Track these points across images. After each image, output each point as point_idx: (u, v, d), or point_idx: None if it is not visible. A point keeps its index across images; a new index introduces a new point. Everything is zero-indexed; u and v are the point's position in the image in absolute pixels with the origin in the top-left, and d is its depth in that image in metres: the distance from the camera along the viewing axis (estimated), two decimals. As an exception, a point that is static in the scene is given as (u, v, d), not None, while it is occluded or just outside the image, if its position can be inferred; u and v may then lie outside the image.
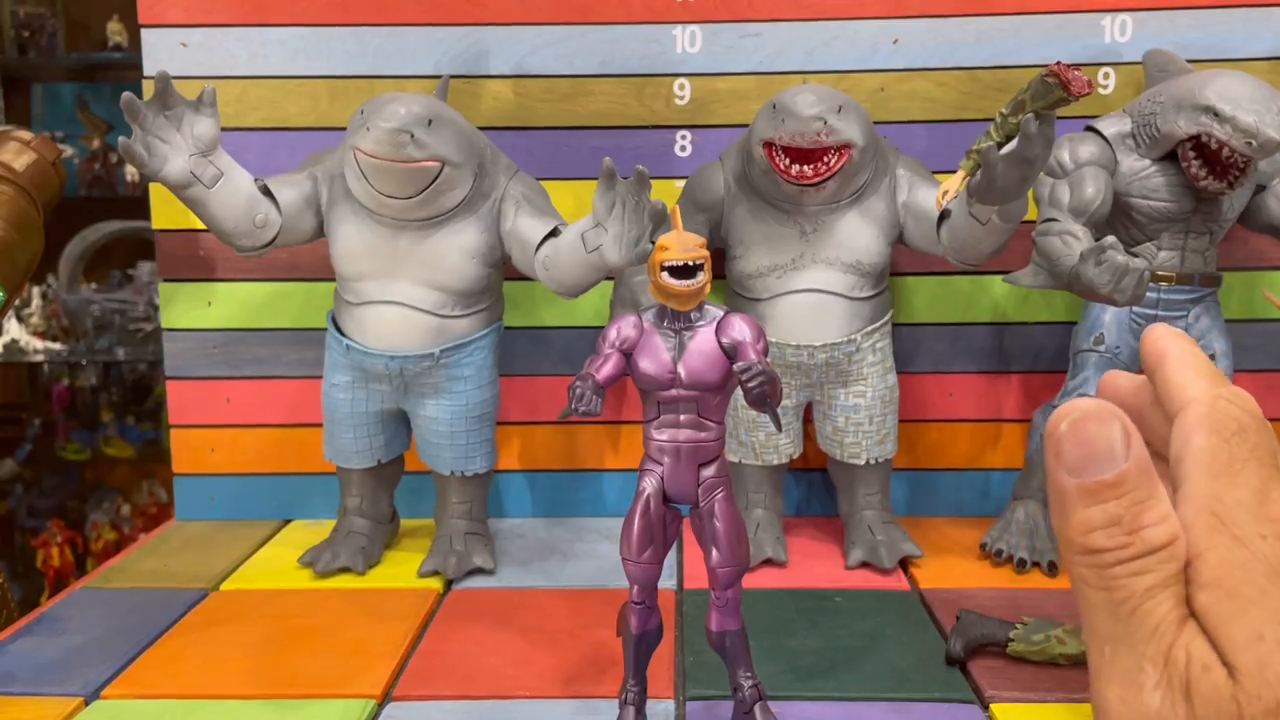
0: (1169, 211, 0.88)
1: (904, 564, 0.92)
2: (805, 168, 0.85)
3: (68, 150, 2.14)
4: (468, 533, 0.94)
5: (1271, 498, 0.24)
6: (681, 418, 0.61)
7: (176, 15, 1.01)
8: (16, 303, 1.96)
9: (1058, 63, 0.70)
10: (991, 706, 0.68)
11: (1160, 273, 0.89)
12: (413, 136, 0.80)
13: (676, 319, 0.61)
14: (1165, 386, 0.27)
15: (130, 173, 2.22)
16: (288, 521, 1.07)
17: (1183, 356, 0.27)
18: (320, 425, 0.95)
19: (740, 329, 0.60)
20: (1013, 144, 0.73)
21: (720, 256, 0.95)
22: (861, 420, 0.92)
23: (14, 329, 2.09)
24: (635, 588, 0.63)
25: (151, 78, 0.93)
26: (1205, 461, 0.24)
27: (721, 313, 0.61)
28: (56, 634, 0.81)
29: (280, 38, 1.01)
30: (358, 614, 0.83)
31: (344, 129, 0.88)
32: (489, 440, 0.94)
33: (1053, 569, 0.89)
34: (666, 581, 0.82)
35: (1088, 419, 0.24)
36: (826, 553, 0.96)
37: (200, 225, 0.92)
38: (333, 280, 0.92)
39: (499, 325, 0.94)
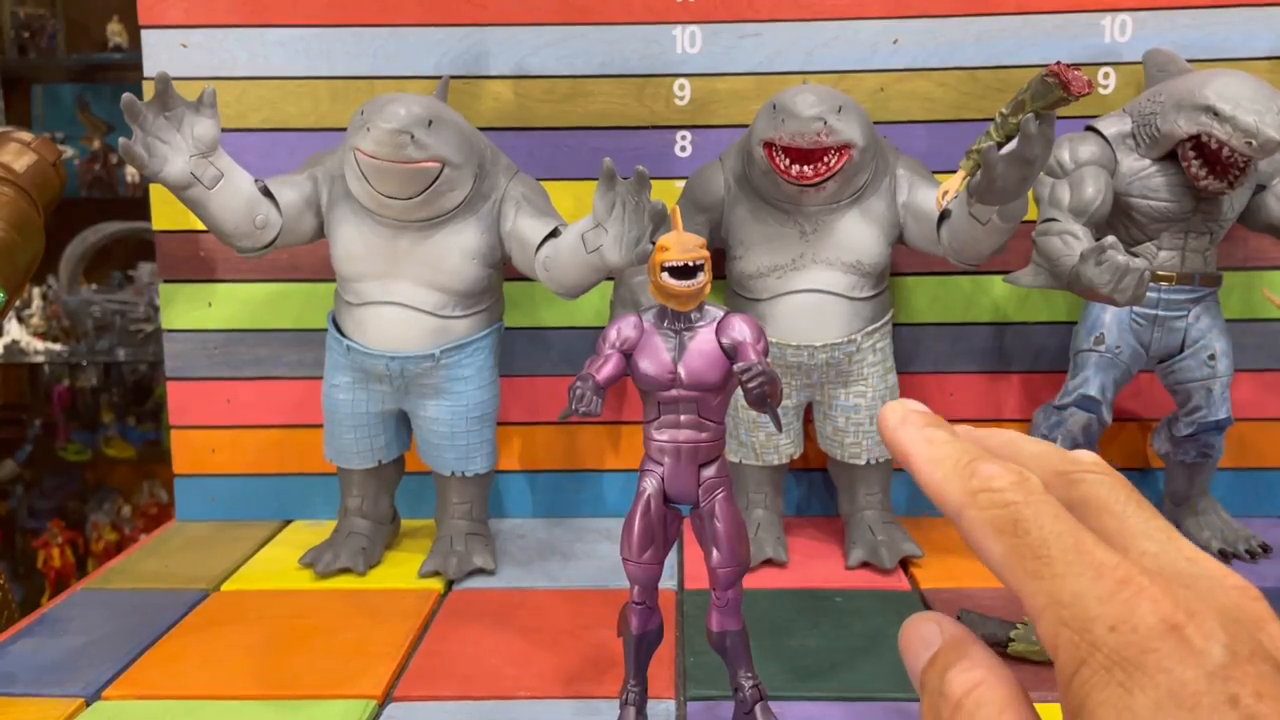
0: (1169, 211, 0.88)
1: (905, 564, 0.92)
2: (805, 168, 0.85)
3: (68, 151, 2.14)
4: (468, 533, 0.94)
5: (1099, 562, 0.21)
6: (682, 418, 0.61)
7: (177, 16, 1.01)
8: (17, 304, 1.96)
9: (1058, 63, 0.70)
10: (992, 706, 0.68)
11: (1160, 272, 0.89)
12: (413, 137, 0.80)
13: (677, 319, 0.61)
14: (927, 493, 0.25)
15: (130, 174, 2.22)
16: (288, 522, 1.07)
17: (923, 450, 0.25)
18: (321, 426, 0.95)
19: (740, 329, 0.60)
20: (1013, 144, 0.73)
21: (720, 257, 0.95)
22: (862, 420, 0.92)
23: (14, 330, 2.09)
24: (636, 588, 0.63)
25: (152, 79, 0.93)
26: (1017, 567, 0.22)
27: (722, 313, 0.61)
28: (57, 635, 0.81)
29: (280, 38, 1.01)
30: (358, 614, 0.83)
31: (344, 130, 0.88)
32: (489, 441, 0.94)
33: (1053, 569, 0.89)
34: (667, 582, 0.82)
35: (908, 625, 0.25)
36: (827, 553, 0.96)
37: (200, 226, 0.92)
38: (333, 281, 0.92)
39: (499, 326, 0.94)
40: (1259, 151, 0.80)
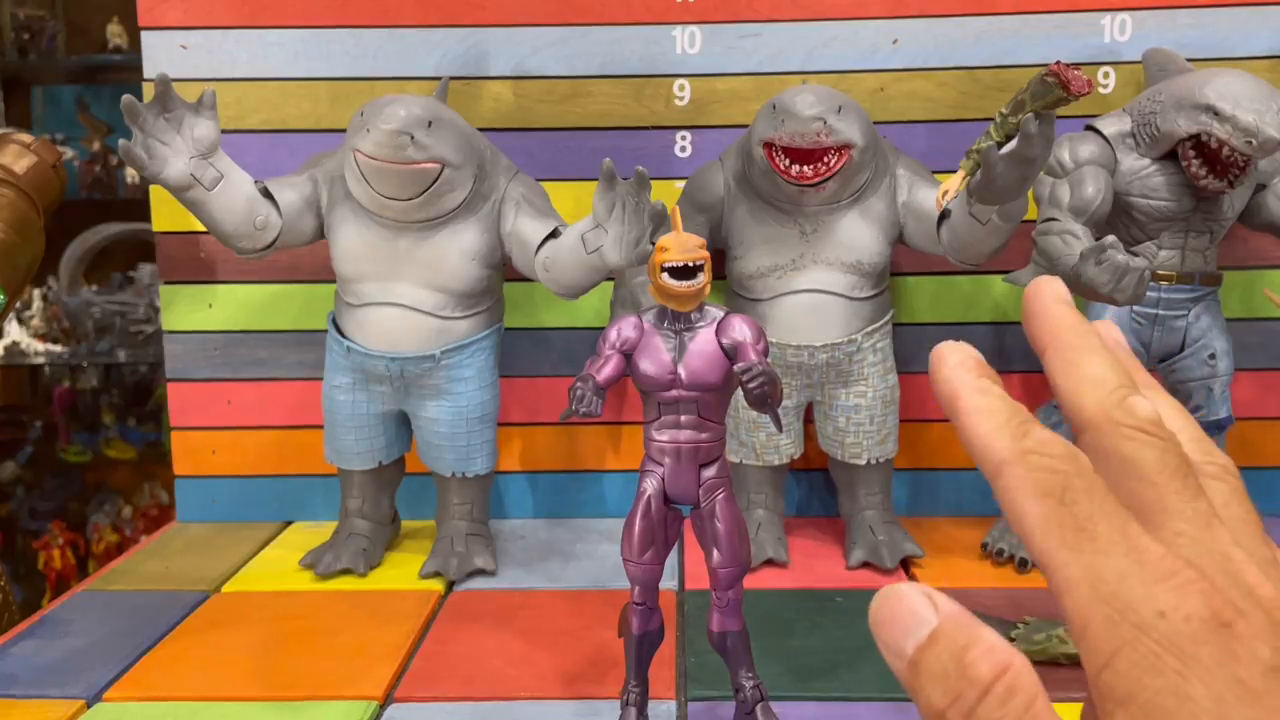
0: (1169, 211, 0.88)
1: (905, 564, 0.92)
2: (805, 168, 0.85)
3: (68, 153, 2.14)
4: (469, 534, 0.94)
5: (1144, 550, 0.21)
6: (682, 418, 0.61)
7: (176, 17, 1.01)
8: (17, 305, 1.96)
9: (1057, 62, 0.70)
10: (993, 706, 0.68)
11: (1161, 272, 0.89)
12: (413, 138, 0.80)
13: (677, 320, 0.61)
14: (969, 441, 0.24)
15: (130, 175, 2.22)
16: (289, 523, 1.07)
17: (975, 401, 0.24)
18: (321, 427, 0.95)
19: (740, 329, 0.60)
20: (1013, 144, 0.73)
21: (720, 257, 0.95)
22: (862, 420, 0.92)
23: (15, 331, 2.09)
24: (636, 588, 0.63)
25: (151, 80, 0.93)
26: (1056, 535, 0.22)
27: (722, 313, 0.61)
28: (58, 636, 0.81)
29: (280, 40, 1.01)
30: (359, 615, 0.83)
31: (344, 131, 0.88)
32: (490, 441, 0.94)
33: (1054, 568, 0.89)
34: (668, 582, 0.82)
35: (887, 598, 0.23)
36: (828, 553, 0.96)
37: (201, 227, 0.92)
38: (333, 282, 0.92)
39: (499, 326, 0.94)
40: (1259, 151, 0.80)
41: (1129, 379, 0.24)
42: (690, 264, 0.59)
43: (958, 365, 0.25)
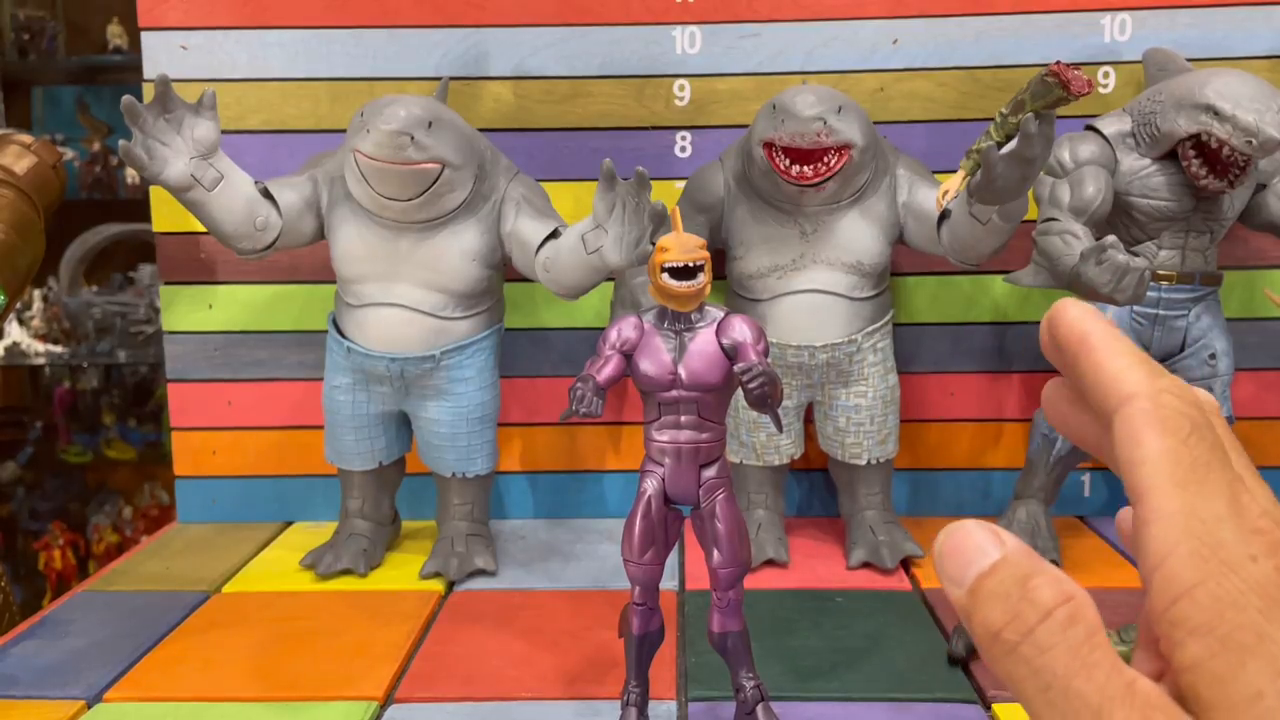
0: (1169, 211, 0.88)
1: (906, 564, 0.92)
2: (805, 168, 0.85)
3: (68, 153, 2.14)
4: (469, 534, 0.94)
5: (1244, 505, 0.21)
6: (682, 419, 0.61)
7: (176, 18, 1.01)
8: (18, 306, 1.96)
9: (1057, 62, 0.70)
10: (994, 706, 0.68)
11: (1161, 272, 0.89)
12: (413, 139, 0.80)
13: (677, 320, 0.61)
14: (1096, 376, 0.24)
15: (130, 175, 2.22)
16: (289, 524, 1.07)
17: (1109, 341, 0.24)
18: (321, 427, 0.95)
19: (741, 330, 0.60)
20: (1013, 144, 0.73)
21: (720, 257, 0.95)
22: (863, 420, 0.92)
23: (15, 332, 2.09)
24: (637, 589, 0.63)
25: (152, 81, 0.93)
26: (1167, 469, 0.22)
27: (722, 314, 0.61)
28: (58, 637, 0.81)
29: (280, 40, 1.01)
30: (359, 616, 0.83)
31: (344, 131, 0.88)
32: (490, 442, 0.94)
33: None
34: (668, 582, 0.82)
35: (953, 533, 0.24)
36: (828, 553, 0.96)
37: (201, 228, 0.92)
38: (333, 282, 0.92)
39: (499, 327, 0.94)
40: (1259, 150, 0.80)
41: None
42: (690, 264, 0.59)
43: (1086, 311, 0.25)
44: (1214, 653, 0.20)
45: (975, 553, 0.23)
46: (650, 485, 0.62)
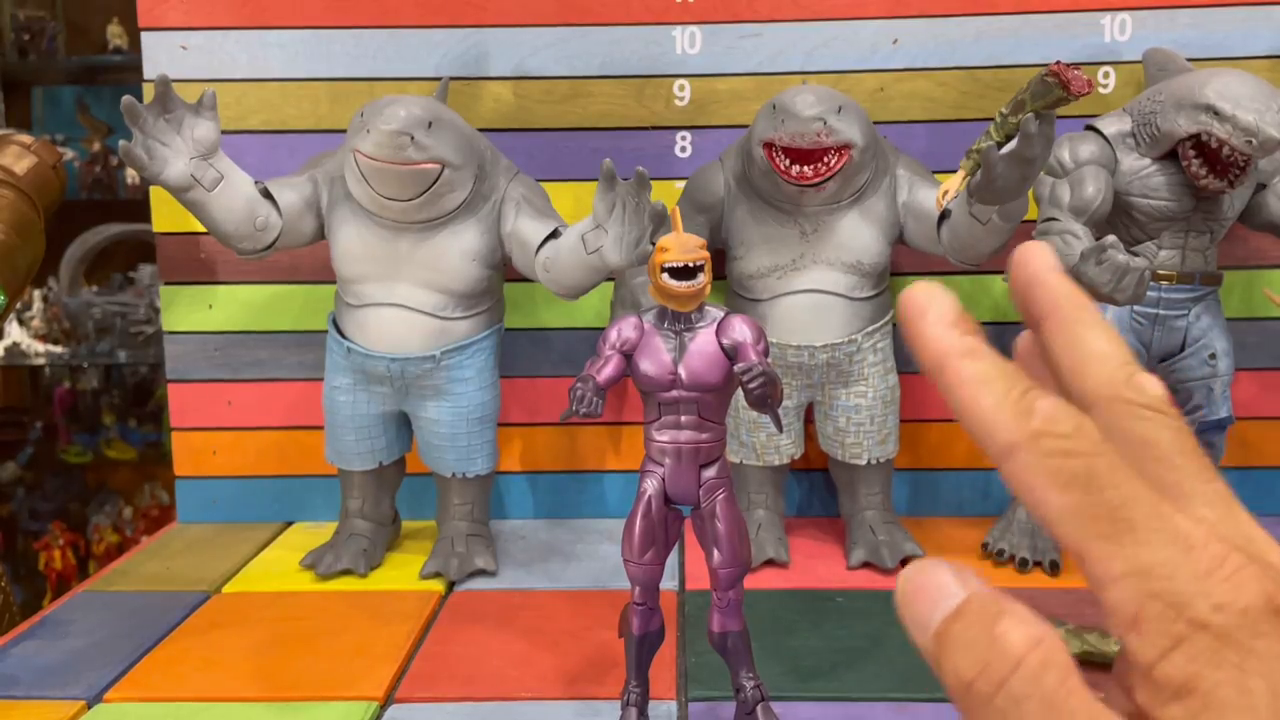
0: (1169, 210, 0.88)
1: (906, 564, 0.92)
2: (805, 168, 0.85)
3: (68, 153, 2.14)
4: (469, 534, 0.94)
5: (1184, 535, 0.20)
6: (682, 419, 0.61)
7: (176, 18, 1.01)
8: (18, 306, 1.96)
9: (1057, 62, 0.70)
10: (994, 706, 0.68)
11: (1161, 272, 0.89)
12: (413, 139, 0.80)
13: (677, 320, 0.61)
14: (963, 418, 0.22)
15: (130, 176, 2.22)
16: (289, 524, 1.07)
17: (966, 370, 0.22)
18: (321, 428, 0.95)
19: (741, 330, 0.60)
20: (1013, 144, 0.73)
21: (720, 257, 0.95)
22: (863, 420, 0.92)
23: (15, 332, 2.09)
24: (637, 589, 0.63)
25: (152, 81, 0.93)
26: (1088, 527, 0.21)
27: (722, 314, 0.61)
28: (58, 637, 0.81)
29: (280, 40, 1.01)
30: (360, 616, 0.83)
31: (344, 132, 0.88)
32: (490, 442, 0.94)
33: (1054, 569, 0.89)
34: (668, 582, 0.82)
35: (915, 574, 0.22)
36: (828, 553, 0.96)
37: (201, 228, 0.92)
38: (333, 283, 0.92)
39: (500, 327, 0.94)
40: (1259, 150, 0.80)
41: (1131, 354, 0.23)
42: (690, 264, 0.59)
43: (938, 321, 0.23)
44: (1196, 713, 0.20)
45: (939, 594, 0.21)
46: (650, 485, 0.62)
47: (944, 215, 0.85)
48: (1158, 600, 0.20)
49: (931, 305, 0.23)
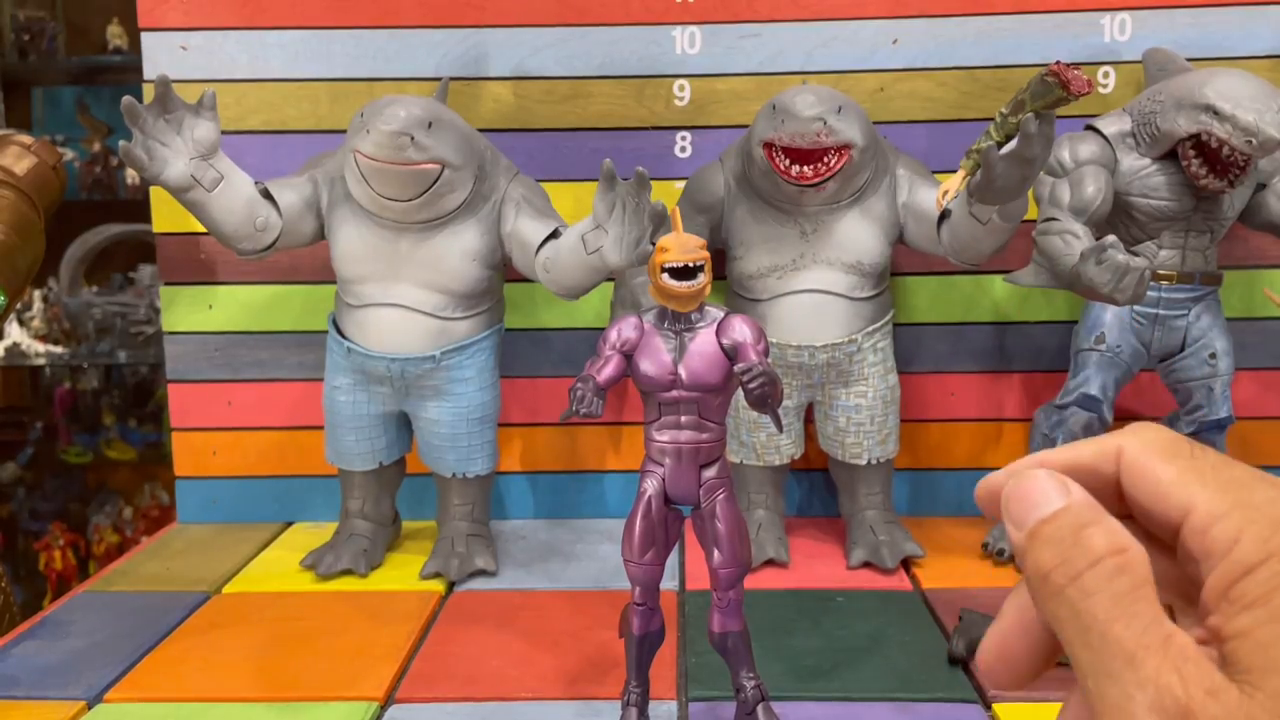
0: (1169, 210, 0.88)
1: (906, 564, 0.92)
2: (805, 168, 0.85)
3: (68, 154, 2.14)
4: (469, 534, 0.94)
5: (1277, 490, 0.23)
6: (682, 419, 0.61)
7: (176, 19, 1.01)
8: (18, 306, 1.96)
9: (1057, 62, 0.70)
10: (994, 706, 0.68)
11: (1161, 271, 0.89)
12: (413, 139, 0.81)
13: (677, 320, 0.61)
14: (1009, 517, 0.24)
15: (131, 176, 2.22)
16: (290, 524, 1.07)
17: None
18: (322, 428, 0.95)
19: (741, 330, 0.60)
20: (1013, 144, 0.73)
21: (720, 257, 0.95)
22: (863, 420, 0.92)
23: (15, 332, 2.09)
24: (637, 589, 0.63)
25: (152, 81, 0.93)
26: (1191, 482, 0.23)
27: (722, 314, 0.61)
28: (59, 637, 0.81)
29: (280, 41, 1.01)
30: (360, 616, 0.83)
31: (344, 132, 0.88)
32: (490, 442, 0.94)
33: (1055, 568, 0.89)
34: (668, 583, 0.82)
35: (1023, 478, 0.24)
36: (828, 553, 0.96)
37: (201, 228, 0.92)
38: (333, 283, 0.92)
39: (500, 327, 0.94)
40: (1259, 150, 0.80)
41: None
42: (690, 264, 0.59)
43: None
44: (1261, 622, 0.21)
45: (1040, 498, 0.23)
46: (650, 485, 0.62)
47: (944, 215, 0.85)
48: (1257, 524, 0.22)
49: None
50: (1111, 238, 0.76)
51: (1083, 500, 0.23)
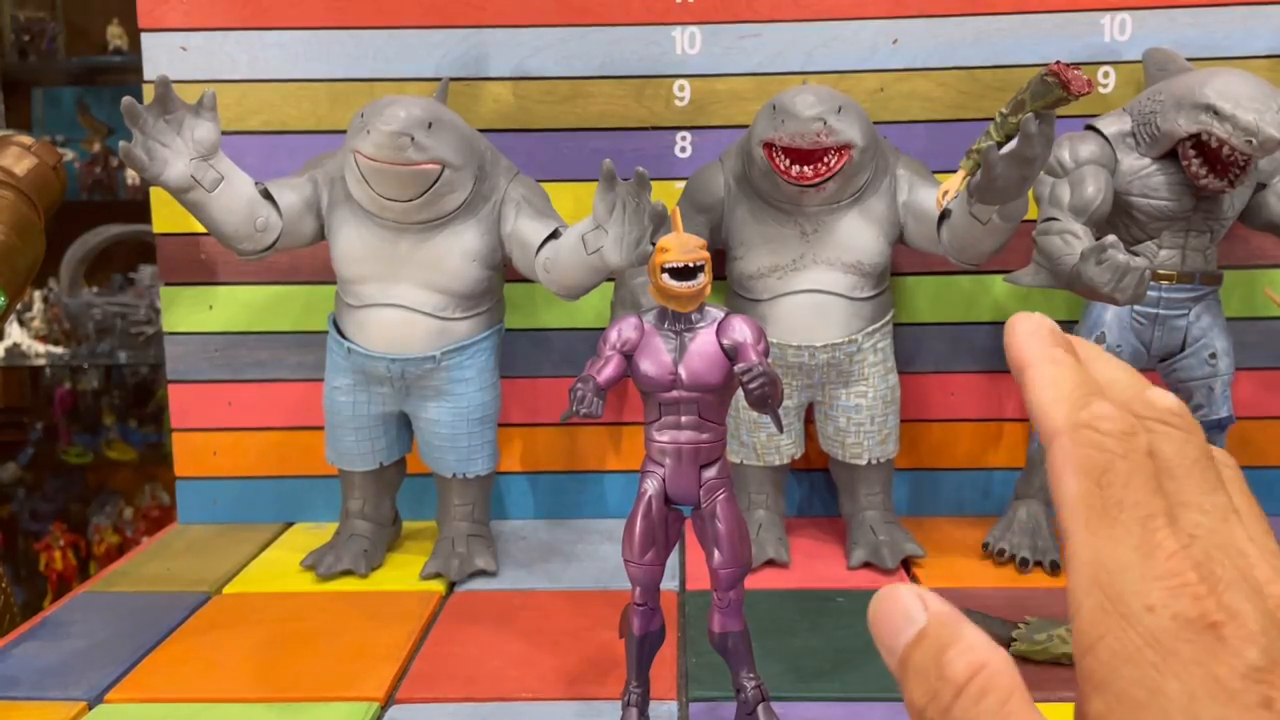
0: (1169, 210, 0.88)
1: (906, 564, 0.92)
2: (805, 168, 0.85)
3: (68, 154, 2.14)
4: (470, 535, 0.94)
5: (1156, 545, 0.21)
6: (683, 419, 0.61)
7: (176, 19, 1.01)
8: (18, 307, 1.96)
9: (1057, 62, 0.70)
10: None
11: (1161, 271, 0.89)
12: (413, 139, 0.81)
13: (677, 320, 0.61)
14: (1030, 411, 0.24)
15: (131, 176, 2.22)
16: (290, 524, 1.07)
17: (1040, 369, 0.24)
18: (322, 428, 0.95)
19: (741, 330, 0.60)
20: (1013, 143, 0.73)
21: (721, 257, 0.95)
22: (863, 420, 0.92)
23: (16, 333, 2.09)
24: (637, 589, 0.63)
25: (152, 82, 0.93)
26: (1080, 514, 0.22)
27: (722, 314, 0.61)
28: (59, 638, 0.81)
29: (280, 41, 1.01)
30: (360, 617, 0.83)
31: (344, 132, 0.88)
32: (490, 442, 0.94)
33: (1055, 568, 0.89)
34: (669, 583, 0.82)
35: (883, 599, 0.24)
36: (829, 553, 0.96)
37: (201, 229, 0.92)
38: (333, 283, 0.92)
39: (500, 327, 0.94)
40: (1259, 150, 0.80)
41: (1141, 377, 0.24)
42: (690, 265, 0.59)
43: (1030, 334, 0.25)
44: (1111, 708, 0.20)
45: (902, 620, 0.23)
46: (651, 485, 0.62)
47: (944, 215, 0.85)
48: (1100, 592, 0.21)
49: (1027, 321, 0.25)
50: (1111, 237, 0.76)
51: (939, 615, 0.22)
